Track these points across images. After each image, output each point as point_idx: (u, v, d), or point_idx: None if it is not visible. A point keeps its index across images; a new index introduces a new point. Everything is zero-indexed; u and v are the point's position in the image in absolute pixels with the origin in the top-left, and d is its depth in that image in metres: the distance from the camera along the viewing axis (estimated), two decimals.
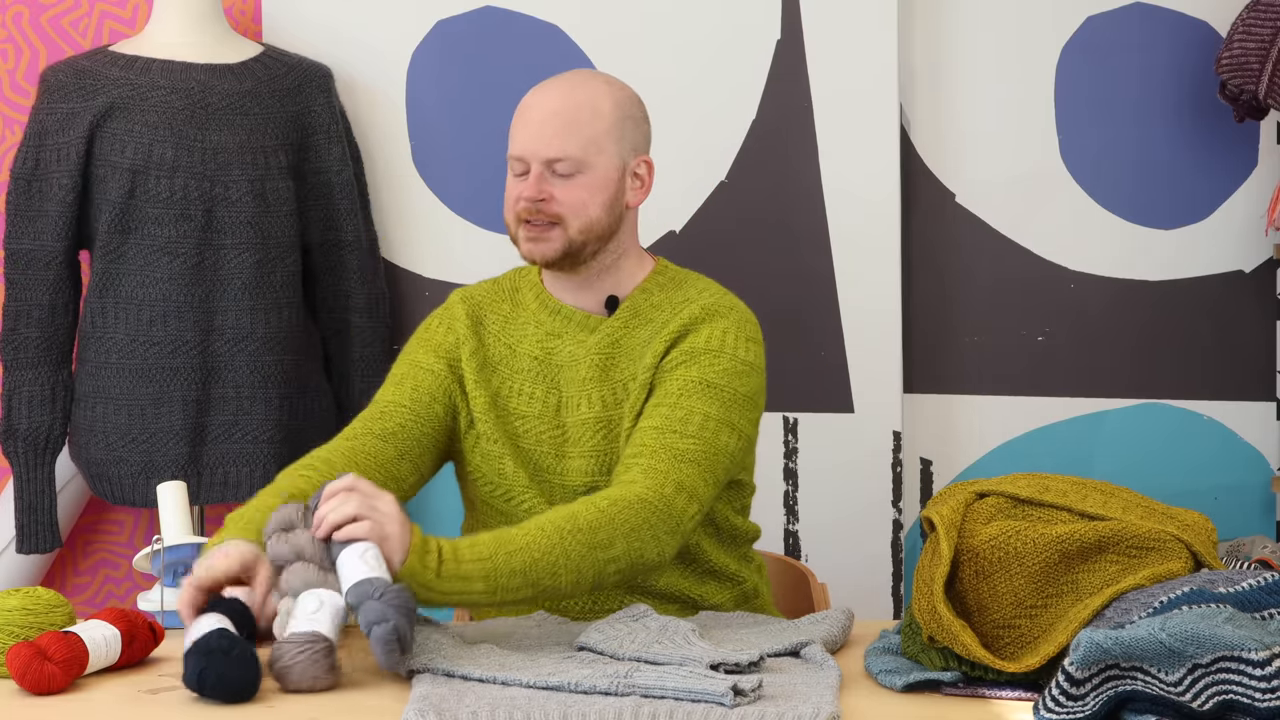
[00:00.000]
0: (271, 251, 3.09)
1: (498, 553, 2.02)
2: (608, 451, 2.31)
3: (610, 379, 2.33)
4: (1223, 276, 3.36)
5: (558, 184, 2.29)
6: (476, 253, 3.31)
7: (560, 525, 2.06)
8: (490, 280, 2.48)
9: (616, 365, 2.33)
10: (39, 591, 2.07)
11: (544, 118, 2.30)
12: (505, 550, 2.02)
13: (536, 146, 2.29)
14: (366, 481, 2.01)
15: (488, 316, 2.41)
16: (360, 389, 3.24)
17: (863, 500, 3.31)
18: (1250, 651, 1.66)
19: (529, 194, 2.29)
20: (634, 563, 2.11)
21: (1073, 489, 2.01)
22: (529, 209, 2.29)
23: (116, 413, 3.04)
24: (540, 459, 2.33)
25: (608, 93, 2.33)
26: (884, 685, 1.93)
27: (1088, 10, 3.32)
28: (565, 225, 2.29)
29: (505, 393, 2.36)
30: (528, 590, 2.03)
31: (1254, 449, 3.36)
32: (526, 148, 2.30)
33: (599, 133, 2.30)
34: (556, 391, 2.34)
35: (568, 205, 2.29)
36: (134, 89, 3.04)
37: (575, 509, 2.10)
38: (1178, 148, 3.33)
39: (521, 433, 2.34)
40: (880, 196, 3.27)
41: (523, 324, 2.39)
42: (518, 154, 2.31)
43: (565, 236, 2.30)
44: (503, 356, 2.38)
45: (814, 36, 3.27)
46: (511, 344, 2.38)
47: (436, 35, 3.31)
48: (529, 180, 2.30)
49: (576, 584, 2.07)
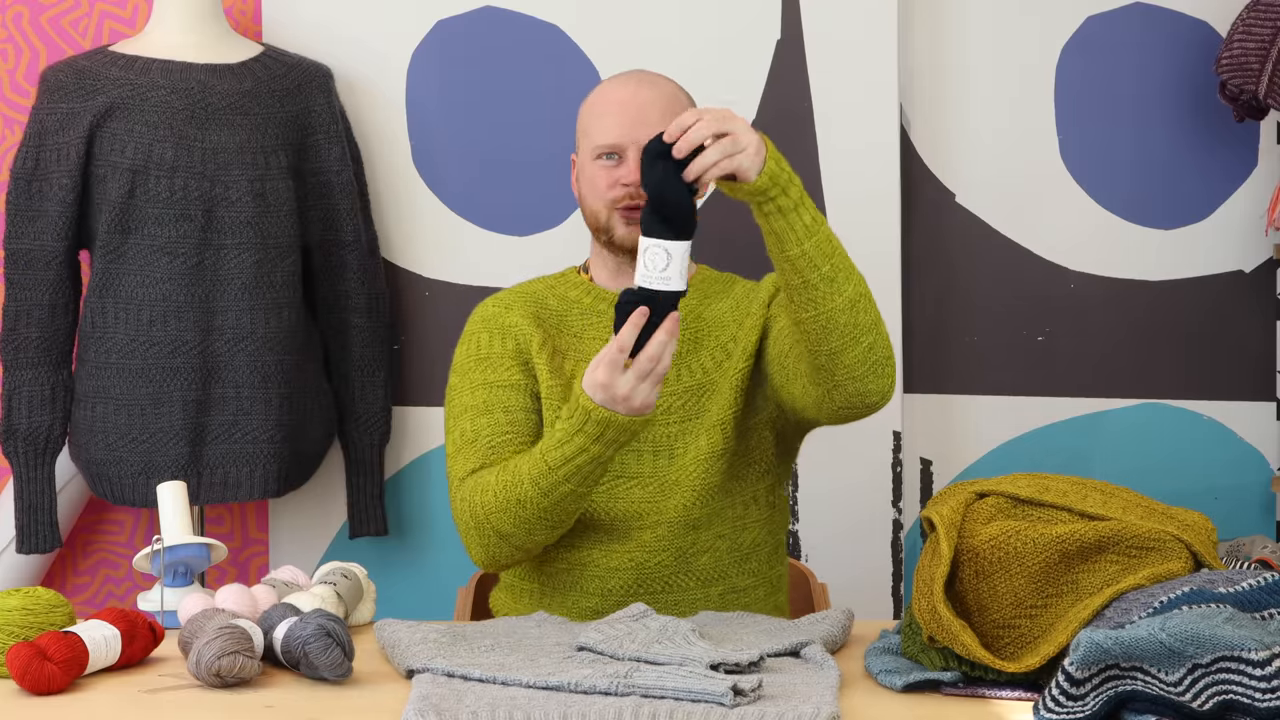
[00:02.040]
0: (271, 251, 3.09)
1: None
2: (701, 410, 2.36)
3: (706, 346, 2.39)
4: (1223, 276, 3.36)
5: None
6: (476, 252, 3.31)
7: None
8: (507, 290, 2.51)
9: (708, 334, 2.41)
10: (39, 591, 2.07)
11: (640, 106, 2.36)
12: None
13: (636, 133, 2.34)
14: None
15: (540, 311, 2.45)
16: (360, 389, 3.24)
17: (863, 500, 3.30)
18: (1250, 651, 1.66)
19: (633, 178, 2.34)
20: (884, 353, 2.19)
21: (1073, 489, 2.01)
22: (630, 193, 2.34)
23: (116, 413, 3.04)
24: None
25: (678, 88, 2.44)
26: (884, 685, 1.93)
27: (1088, 10, 3.32)
28: None
29: (580, 374, 2.37)
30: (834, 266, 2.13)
31: (1254, 449, 3.36)
32: (626, 134, 2.35)
33: None
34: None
35: None
36: (134, 89, 3.04)
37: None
38: (1177, 148, 3.33)
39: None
40: (880, 196, 3.27)
41: (580, 315, 2.44)
42: (612, 142, 2.35)
43: None
44: (570, 344, 2.42)
45: (814, 36, 3.27)
46: (576, 332, 2.42)
47: (436, 35, 3.31)
48: (629, 165, 2.35)
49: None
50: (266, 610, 2.06)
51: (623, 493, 2.34)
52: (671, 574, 2.34)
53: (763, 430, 2.38)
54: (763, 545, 2.41)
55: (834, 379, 2.17)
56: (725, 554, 2.36)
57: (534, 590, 2.40)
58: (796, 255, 2.10)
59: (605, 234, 2.38)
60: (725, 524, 2.36)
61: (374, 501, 3.29)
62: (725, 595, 2.36)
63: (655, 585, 2.34)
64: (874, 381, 2.18)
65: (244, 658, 1.92)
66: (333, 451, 3.32)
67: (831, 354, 2.14)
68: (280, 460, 3.10)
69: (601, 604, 2.33)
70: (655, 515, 2.33)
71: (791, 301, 2.14)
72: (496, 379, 2.37)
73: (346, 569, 2.29)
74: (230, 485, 3.08)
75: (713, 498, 2.34)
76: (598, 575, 2.34)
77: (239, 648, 1.92)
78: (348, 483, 3.29)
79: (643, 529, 2.33)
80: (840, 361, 2.15)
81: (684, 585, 2.34)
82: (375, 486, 3.29)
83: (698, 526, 2.34)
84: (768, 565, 2.43)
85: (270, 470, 3.09)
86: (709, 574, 2.35)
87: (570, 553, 2.36)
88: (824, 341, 2.14)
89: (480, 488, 2.26)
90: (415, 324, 3.33)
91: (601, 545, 2.34)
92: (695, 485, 2.33)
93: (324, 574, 2.27)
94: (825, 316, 2.12)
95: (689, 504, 2.33)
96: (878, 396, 2.20)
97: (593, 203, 2.38)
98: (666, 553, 2.33)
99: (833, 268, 2.12)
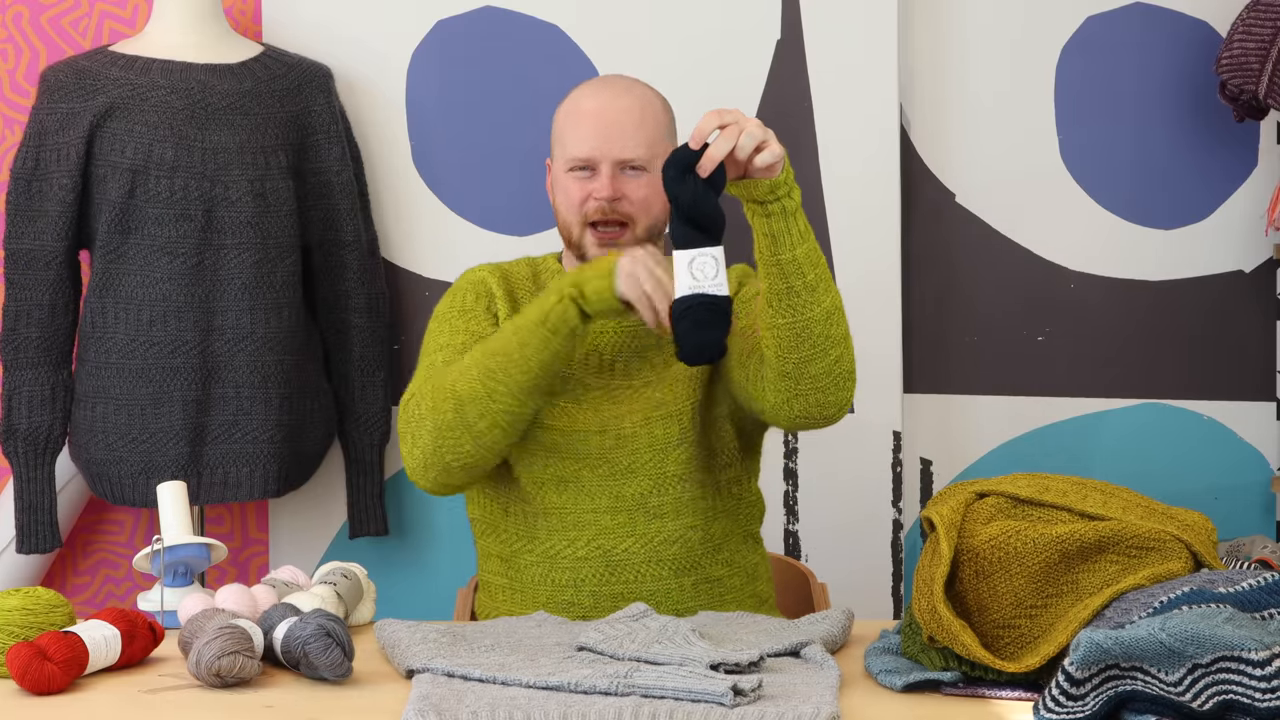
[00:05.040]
0: (271, 251, 3.09)
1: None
2: (653, 397, 2.36)
3: (669, 341, 2.37)
4: (1223, 276, 3.36)
5: (627, 182, 2.35)
6: (476, 252, 3.30)
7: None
8: (495, 263, 2.52)
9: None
10: (39, 591, 2.07)
11: (614, 119, 2.34)
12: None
13: (610, 147, 2.34)
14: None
15: (516, 288, 2.46)
16: (360, 389, 3.24)
17: (863, 500, 3.30)
18: (1250, 651, 1.66)
19: (605, 193, 2.34)
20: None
21: (1073, 489, 2.01)
22: (602, 208, 2.34)
23: (116, 413, 3.04)
24: (577, 414, 2.36)
25: (655, 94, 2.41)
26: (884, 685, 1.93)
27: (1088, 10, 3.32)
28: (634, 225, 2.36)
29: None
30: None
31: (1254, 449, 3.36)
32: (599, 149, 2.34)
33: (659, 134, 2.37)
34: (597, 354, 2.39)
35: (638, 204, 2.35)
36: (134, 89, 3.04)
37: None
38: (1177, 147, 3.34)
39: (560, 390, 2.36)
40: (880, 196, 3.27)
41: None
42: (585, 155, 2.35)
43: (633, 237, 2.37)
44: None
45: (814, 36, 3.27)
46: None
47: (436, 35, 3.31)
48: (601, 180, 2.34)
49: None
50: (266, 610, 2.06)
51: (572, 474, 2.35)
52: (641, 563, 2.34)
53: (723, 423, 2.39)
54: (732, 535, 2.42)
55: (797, 387, 2.19)
56: (698, 545, 2.37)
57: (506, 585, 2.40)
58: (788, 260, 2.12)
59: (576, 249, 2.39)
60: (693, 515, 2.36)
61: (374, 501, 3.29)
62: (699, 585, 2.36)
63: (627, 575, 2.33)
64: (835, 394, 2.21)
65: (244, 658, 1.92)
66: (333, 451, 3.32)
67: (800, 362, 2.17)
68: (280, 460, 3.10)
69: (575, 595, 2.33)
70: (611, 500, 2.34)
71: (770, 306, 2.16)
72: (477, 329, 2.39)
73: (346, 569, 2.29)
74: (230, 485, 3.08)
75: (672, 486, 2.35)
76: (567, 566, 2.34)
77: (239, 648, 1.92)
78: (348, 483, 3.29)
79: (600, 513, 2.34)
80: (806, 371, 2.17)
81: (656, 575, 2.35)
82: (375, 486, 3.29)
83: (661, 515, 2.34)
84: (740, 554, 2.43)
85: (270, 470, 3.09)
86: (681, 564, 2.36)
87: (534, 544, 2.36)
88: (795, 349, 2.16)
89: (449, 369, 2.29)
90: (415, 324, 3.33)
91: (562, 533, 2.35)
92: (652, 473, 2.34)
93: (324, 574, 2.27)
94: (801, 324, 2.15)
95: (645, 491, 2.34)
96: (835, 409, 2.23)
97: (565, 214, 2.39)
98: (631, 539, 2.33)
99: (816, 277, 2.15)
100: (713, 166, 2.05)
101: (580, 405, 2.37)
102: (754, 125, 2.06)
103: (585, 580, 2.34)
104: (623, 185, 2.34)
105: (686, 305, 2.06)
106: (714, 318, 2.07)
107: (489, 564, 2.46)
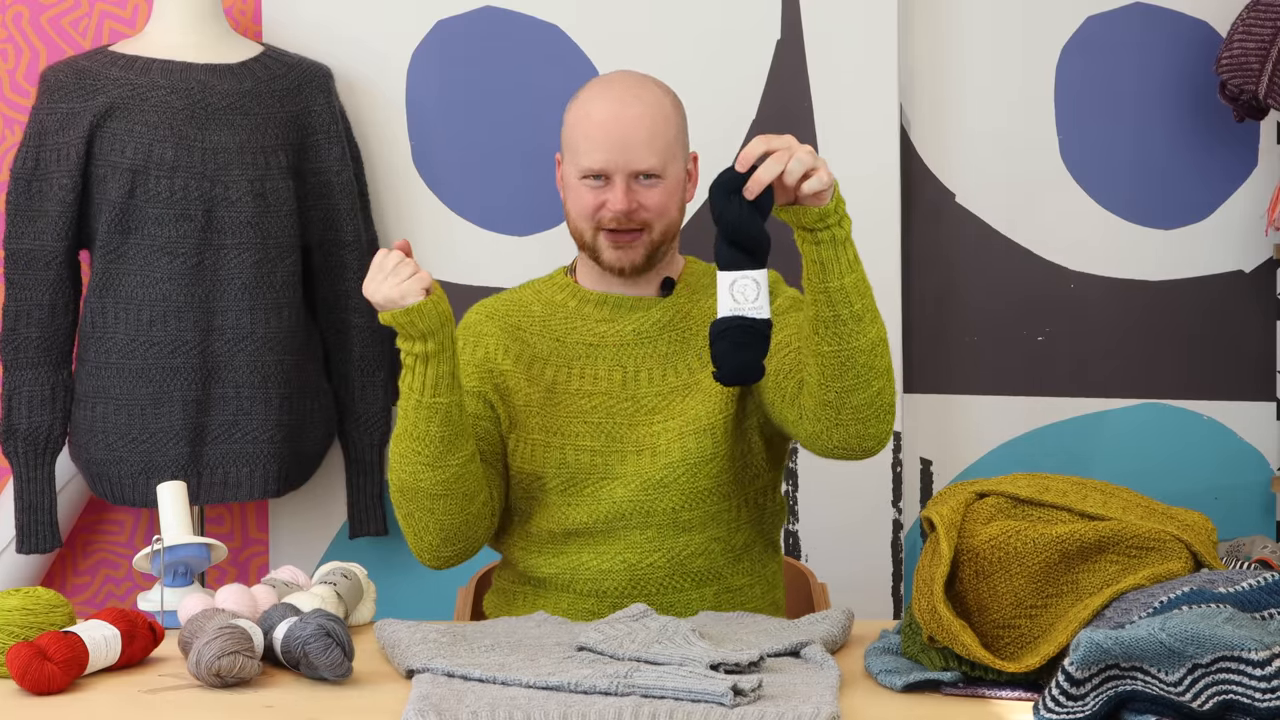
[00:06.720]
0: (271, 251, 3.09)
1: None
2: (686, 411, 2.35)
3: (693, 346, 2.38)
4: (1223, 276, 3.36)
5: (642, 192, 2.34)
6: (476, 252, 3.31)
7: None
8: (496, 296, 2.51)
9: (696, 332, 2.39)
10: (39, 591, 2.07)
11: (626, 130, 2.33)
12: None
13: (623, 159, 2.32)
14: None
15: (522, 320, 2.44)
16: (360, 389, 3.24)
17: (863, 500, 3.30)
18: (1250, 651, 1.66)
19: (621, 206, 2.33)
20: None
21: (1073, 489, 2.01)
22: (618, 219, 2.33)
23: (116, 413, 3.04)
24: (613, 429, 2.36)
25: (665, 94, 2.39)
26: (884, 685, 1.93)
27: (1088, 10, 3.32)
28: (650, 230, 2.36)
29: (563, 379, 2.38)
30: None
31: (1254, 449, 3.36)
32: (612, 161, 2.32)
33: (672, 139, 2.36)
34: (620, 369, 2.38)
35: (654, 211, 2.35)
36: (134, 89, 3.04)
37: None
38: (1177, 148, 3.33)
39: (589, 409, 2.36)
40: (880, 196, 3.27)
41: (564, 319, 2.43)
42: (599, 167, 2.33)
43: (650, 241, 2.37)
44: (552, 349, 2.41)
45: (814, 36, 3.27)
46: (558, 336, 2.42)
47: (436, 35, 3.31)
48: (616, 191, 2.33)
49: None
50: (266, 610, 2.06)
51: (606, 494, 2.34)
52: (665, 575, 2.34)
53: (753, 435, 2.38)
54: (755, 544, 2.42)
55: (838, 417, 2.17)
56: (719, 555, 2.36)
57: (527, 593, 2.41)
58: (836, 289, 2.11)
59: (591, 253, 2.39)
60: (720, 527, 2.36)
61: (374, 501, 3.29)
62: (720, 595, 2.37)
63: (650, 587, 2.34)
64: (875, 425, 2.19)
65: (244, 658, 1.92)
66: (333, 451, 3.32)
67: (843, 391, 2.15)
68: (280, 460, 3.10)
69: (597, 605, 2.33)
70: (642, 516, 2.33)
71: (816, 334, 2.14)
72: (464, 385, 2.38)
73: (346, 569, 2.29)
74: (230, 485, 3.08)
75: (703, 501, 2.34)
76: (590, 577, 2.34)
77: (239, 648, 1.92)
78: (348, 483, 3.29)
79: (630, 529, 2.34)
80: (848, 401, 2.16)
81: (679, 586, 2.35)
82: (375, 486, 3.29)
83: (690, 529, 2.34)
84: (761, 563, 2.43)
85: (270, 470, 3.09)
86: (703, 575, 2.36)
87: (560, 557, 2.36)
88: (839, 378, 2.14)
89: (392, 459, 2.31)
90: None
91: (591, 547, 2.35)
92: (684, 488, 2.34)
93: (324, 574, 2.27)
94: (847, 354, 2.13)
95: (677, 506, 2.34)
96: (874, 441, 2.21)
97: (578, 221, 2.38)
98: (659, 554, 2.33)
99: (864, 307, 2.13)
100: (759, 189, 2.04)
101: (615, 422, 2.36)
102: (804, 151, 2.04)
103: (608, 592, 2.34)
104: (638, 195, 2.33)
105: (725, 326, 2.05)
106: (752, 339, 2.05)
107: (506, 572, 2.46)
